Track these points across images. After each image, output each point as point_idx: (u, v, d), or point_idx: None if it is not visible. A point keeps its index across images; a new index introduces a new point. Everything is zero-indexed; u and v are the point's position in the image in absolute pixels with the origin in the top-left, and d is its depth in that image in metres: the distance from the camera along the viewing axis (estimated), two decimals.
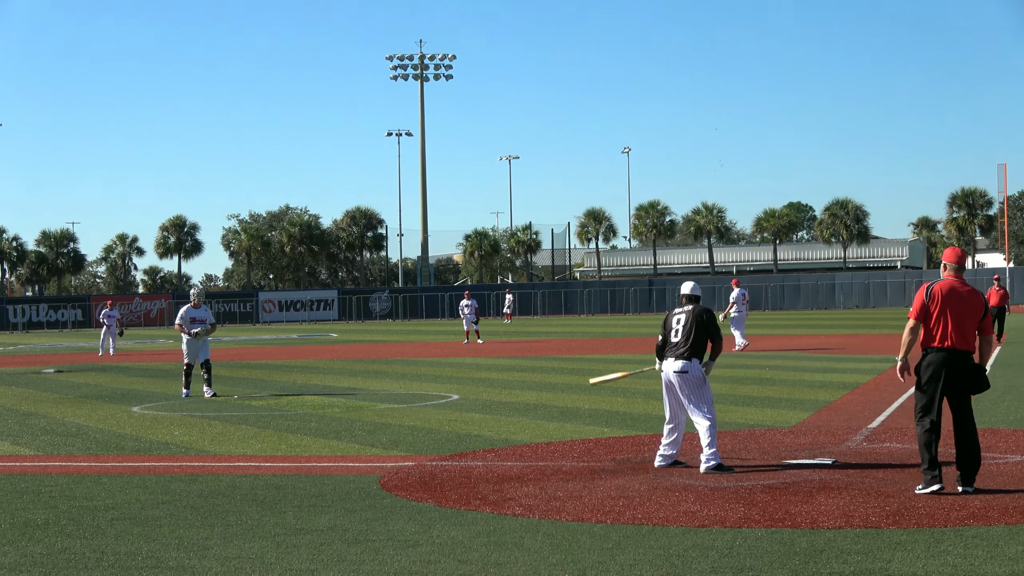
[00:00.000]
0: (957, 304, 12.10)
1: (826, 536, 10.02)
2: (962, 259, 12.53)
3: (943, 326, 12.07)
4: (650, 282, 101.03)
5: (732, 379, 25.88)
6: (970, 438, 12.04)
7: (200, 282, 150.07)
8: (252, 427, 19.35)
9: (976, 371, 12.18)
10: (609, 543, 9.95)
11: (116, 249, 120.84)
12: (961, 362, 12.07)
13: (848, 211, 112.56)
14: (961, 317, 12.09)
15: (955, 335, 12.05)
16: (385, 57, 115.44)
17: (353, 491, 12.90)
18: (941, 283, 12.29)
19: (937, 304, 12.11)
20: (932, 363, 12.09)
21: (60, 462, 15.95)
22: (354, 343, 53.46)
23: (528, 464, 14.59)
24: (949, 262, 12.48)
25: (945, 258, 12.56)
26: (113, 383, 30.07)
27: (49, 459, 16.30)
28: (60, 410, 22.89)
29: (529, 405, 21.97)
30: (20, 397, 26.23)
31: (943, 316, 12.08)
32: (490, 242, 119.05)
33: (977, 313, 12.19)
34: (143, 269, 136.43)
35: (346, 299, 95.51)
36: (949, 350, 12.04)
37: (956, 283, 12.27)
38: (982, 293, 12.56)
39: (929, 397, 12.09)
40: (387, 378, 29.89)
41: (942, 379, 12.04)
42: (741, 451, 15.23)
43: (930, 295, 12.19)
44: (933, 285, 12.29)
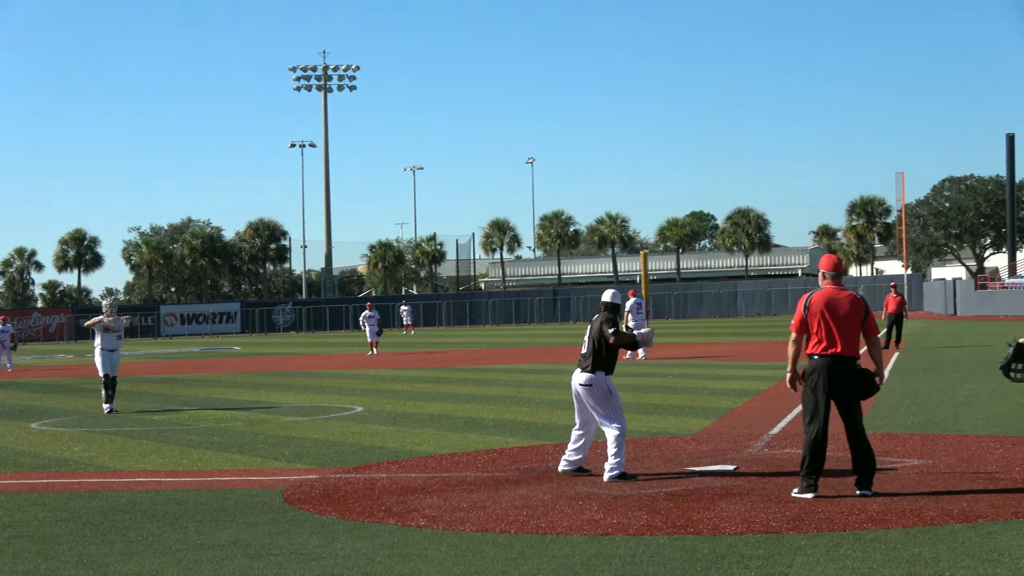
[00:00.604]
0: (836, 311, 12.29)
1: (728, 542, 10.10)
2: (839, 266, 12.75)
3: (825, 334, 12.26)
4: (555, 292, 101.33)
5: (635, 387, 26.02)
6: (862, 442, 12.22)
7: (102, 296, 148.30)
8: (153, 442, 19.15)
9: (862, 375, 12.38)
10: (513, 552, 9.96)
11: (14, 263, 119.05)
12: (846, 368, 12.25)
13: (750, 220, 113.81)
14: (842, 323, 12.27)
15: (838, 341, 12.24)
16: (288, 68, 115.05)
17: (256, 505, 12.81)
18: (818, 292, 12.48)
19: (815, 314, 12.30)
20: (817, 370, 12.28)
21: None
22: (257, 356, 53.09)
23: (432, 475, 14.58)
24: (827, 270, 12.68)
25: (822, 266, 12.75)
26: (11, 399, 29.60)
27: None
28: None
29: (433, 416, 21.95)
30: None
31: (824, 324, 12.26)
32: (394, 253, 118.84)
33: (858, 317, 12.37)
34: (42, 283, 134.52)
35: (249, 312, 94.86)
36: (833, 356, 12.22)
37: (833, 290, 12.45)
38: (864, 298, 12.76)
39: (815, 404, 12.28)
40: (290, 391, 29.71)
41: (827, 386, 12.22)
42: (644, 459, 15.31)
43: (808, 306, 12.40)
44: (811, 295, 12.48)
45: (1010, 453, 14.89)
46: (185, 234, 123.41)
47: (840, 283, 12.60)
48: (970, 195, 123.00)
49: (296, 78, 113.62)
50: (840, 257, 12.94)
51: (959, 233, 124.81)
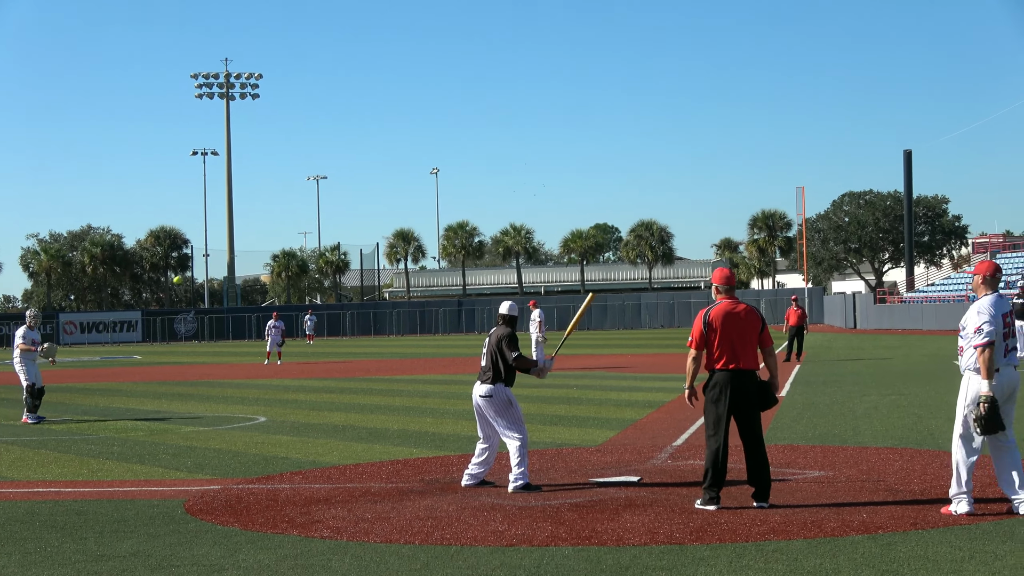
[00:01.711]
0: (734, 325, 12.39)
1: (632, 553, 10.15)
2: (731, 279, 12.85)
3: (724, 348, 12.34)
4: (459, 303, 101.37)
5: (539, 399, 26.08)
6: (759, 455, 12.32)
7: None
8: (52, 451, 18.87)
9: (762, 388, 12.50)
10: (418, 564, 9.94)
11: None
12: (746, 381, 12.36)
13: (653, 232, 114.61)
14: (741, 337, 12.38)
15: (737, 355, 12.34)
16: (190, 75, 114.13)
17: (157, 516, 12.66)
18: (716, 307, 12.53)
19: (716, 329, 12.37)
20: (717, 384, 12.36)
21: None
22: (159, 365, 52.56)
23: (336, 486, 14.50)
24: (719, 284, 12.77)
25: (715, 280, 12.83)
26: None
27: None
28: None
29: (337, 426, 21.85)
30: None
31: (723, 339, 12.34)
32: (298, 262, 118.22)
33: (755, 330, 12.49)
34: None
35: (150, 320, 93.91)
36: (733, 371, 12.32)
37: (729, 305, 12.53)
38: (757, 309, 12.85)
39: (716, 417, 12.35)
40: (193, 400, 29.43)
41: (727, 399, 12.31)
42: (549, 470, 15.34)
43: (707, 322, 12.44)
44: (709, 311, 12.53)
45: (908, 465, 15.09)
46: (85, 241, 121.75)
47: (734, 296, 12.70)
48: (869, 210, 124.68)
49: (198, 85, 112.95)
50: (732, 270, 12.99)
51: (858, 247, 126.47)
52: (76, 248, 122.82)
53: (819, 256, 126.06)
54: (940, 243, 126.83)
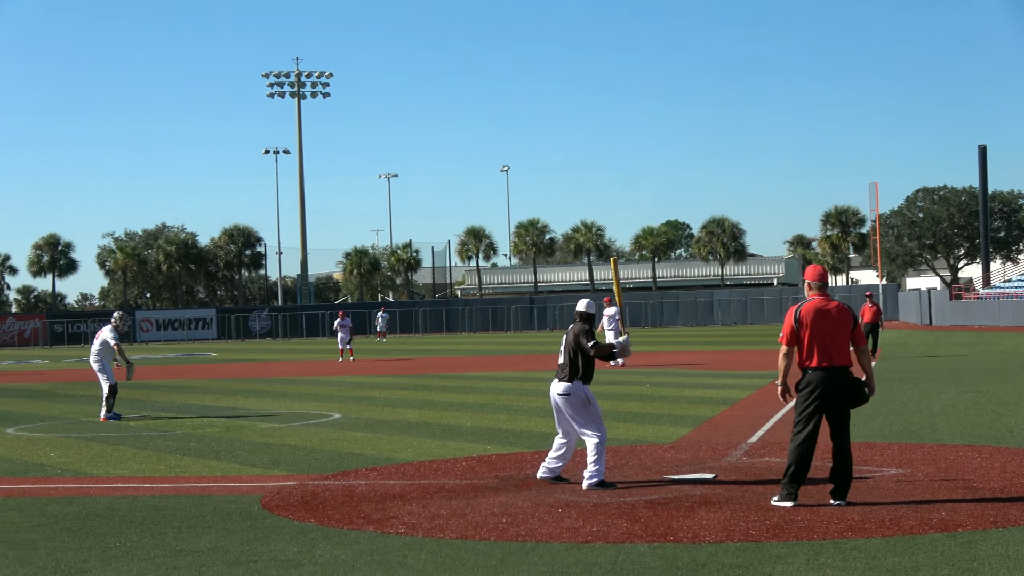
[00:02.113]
0: (825, 322, 12.27)
1: (707, 550, 10.10)
2: (824, 276, 12.72)
3: (817, 346, 12.22)
4: (531, 299, 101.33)
5: (613, 395, 26.02)
6: (845, 453, 12.22)
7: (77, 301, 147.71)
8: (130, 448, 19.07)
9: (855, 385, 12.36)
10: (493, 560, 9.95)
11: None
12: (839, 379, 12.23)
13: (725, 229, 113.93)
14: (832, 334, 12.25)
15: (830, 353, 12.22)
16: (262, 74, 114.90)
17: (234, 512, 12.76)
18: (807, 304, 12.42)
19: (806, 326, 12.26)
20: (810, 383, 12.23)
21: None
22: (234, 362, 52.94)
23: (411, 482, 14.54)
24: (812, 280, 12.64)
25: (807, 276, 12.71)
26: None
27: None
28: None
29: (411, 423, 21.92)
30: None
31: (815, 336, 12.22)
32: (370, 260, 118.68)
33: (847, 327, 12.36)
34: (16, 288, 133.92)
35: (225, 318, 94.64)
36: (827, 369, 12.19)
37: (821, 301, 12.41)
38: (849, 306, 12.72)
39: (807, 416, 12.24)
40: (268, 397, 29.63)
41: (820, 398, 12.19)
42: (623, 467, 15.31)
43: (798, 318, 12.33)
44: (800, 308, 12.42)
45: (987, 462, 14.93)
46: (160, 240, 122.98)
47: (826, 293, 12.58)
48: (943, 206, 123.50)
49: (269, 84, 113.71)
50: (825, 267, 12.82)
51: (933, 243, 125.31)
52: (151, 246, 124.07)
53: (893, 252, 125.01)
54: (1016, 239, 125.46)
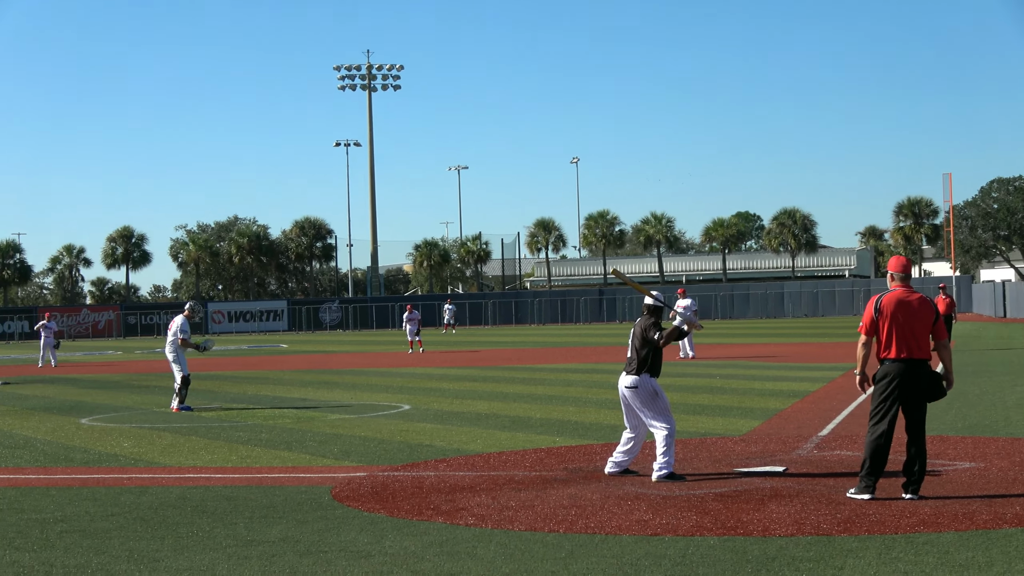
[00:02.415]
0: (906, 314, 12.14)
1: (778, 544, 10.05)
2: (907, 267, 12.57)
3: (896, 337, 12.10)
4: (600, 291, 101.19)
5: (683, 388, 25.94)
6: (920, 447, 12.11)
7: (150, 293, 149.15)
8: (202, 438, 19.23)
9: (933, 378, 12.23)
10: (562, 552, 9.94)
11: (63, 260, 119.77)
12: (917, 371, 12.10)
13: (796, 220, 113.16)
14: (913, 326, 12.12)
15: (909, 345, 12.09)
16: (333, 67, 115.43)
17: (305, 502, 12.84)
18: (889, 295, 12.30)
19: (887, 316, 12.14)
20: (888, 374, 12.11)
21: (8, 475, 15.80)
22: (304, 353, 53.26)
23: (480, 474, 14.57)
24: (895, 271, 12.50)
25: (891, 267, 12.58)
26: (61, 395, 29.82)
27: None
28: (8, 422, 22.68)
29: (480, 415, 21.95)
30: None
31: (894, 327, 12.10)
32: (440, 252, 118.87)
33: (928, 320, 12.22)
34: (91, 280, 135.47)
35: (296, 309, 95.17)
36: (905, 361, 12.07)
37: (903, 293, 12.28)
38: (931, 300, 12.58)
39: (884, 408, 12.12)
40: (338, 388, 29.79)
41: (898, 390, 12.08)
42: (693, 460, 15.25)
43: (879, 308, 12.21)
44: (882, 298, 12.30)
45: None
46: (232, 232, 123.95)
47: (909, 285, 12.44)
48: (1019, 196, 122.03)
49: (340, 77, 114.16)
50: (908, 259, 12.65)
51: (1008, 235, 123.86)
52: (223, 239, 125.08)
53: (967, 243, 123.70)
54: None
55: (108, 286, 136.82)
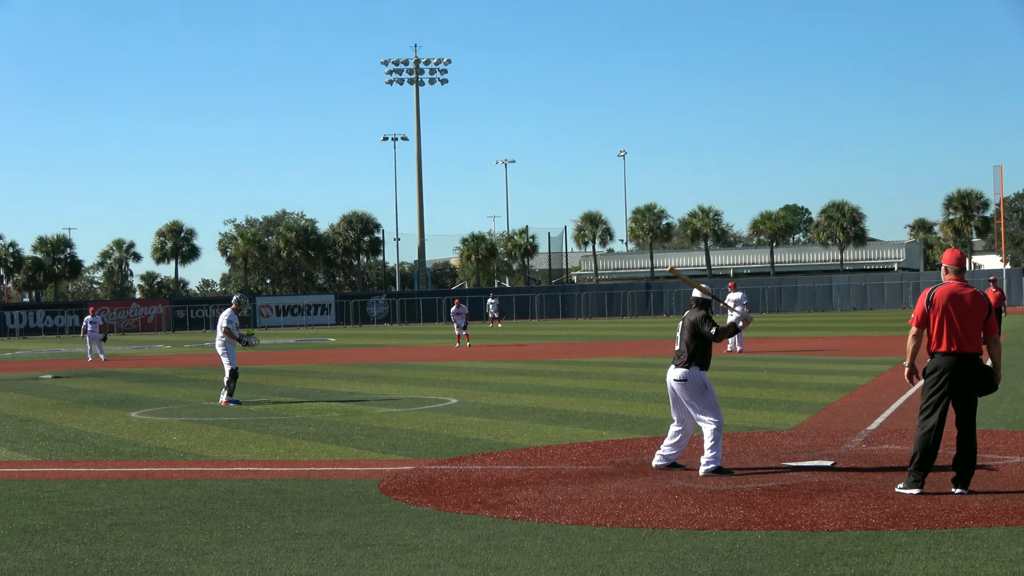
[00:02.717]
0: (959, 307, 12.04)
1: (826, 538, 10.00)
2: (962, 261, 12.45)
3: (947, 330, 12.00)
4: (647, 285, 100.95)
5: (731, 381, 25.86)
6: (971, 441, 12.02)
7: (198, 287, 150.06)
8: (250, 431, 19.34)
9: (984, 373, 12.13)
10: (609, 546, 9.94)
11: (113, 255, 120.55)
12: (968, 365, 12.01)
13: (844, 213, 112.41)
14: (964, 320, 12.02)
15: (960, 338, 11.99)
16: (380, 61, 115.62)
17: (352, 495, 12.89)
18: (942, 288, 12.21)
19: (938, 309, 12.05)
20: (939, 367, 12.02)
21: (58, 467, 15.94)
22: (352, 347, 53.42)
23: (527, 467, 14.57)
24: (949, 264, 12.39)
25: (945, 260, 12.48)
26: (111, 388, 30.05)
27: (47, 464, 16.29)
28: (58, 415, 22.88)
29: (527, 408, 21.96)
30: (18, 403, 26.20)
31: (946, 320, 12.01)
32: (487, 246, 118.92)
33: (980, 314, 12.12)
34: (140, 274, 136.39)
35: (343, 303, 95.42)
36: (956, 354, 11.97)
37: (957, 286, 12.19)
38: (983, 294, 12.47)
39: (935, 401, 12.03)
40: (385, 382, 29.87)
41: (948, 384, 11.99)
42: (740, 454, 15.21)
43: (931, 301, 12.12)
44: (934, 290, 12.20)
45: None
46: (280, 226, 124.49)
47: (963, 279, 12.34)
48: None
49: (388, 71, 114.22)
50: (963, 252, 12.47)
51: None
52: (271, 233, 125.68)
53: (1018, 236, 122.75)
54: None
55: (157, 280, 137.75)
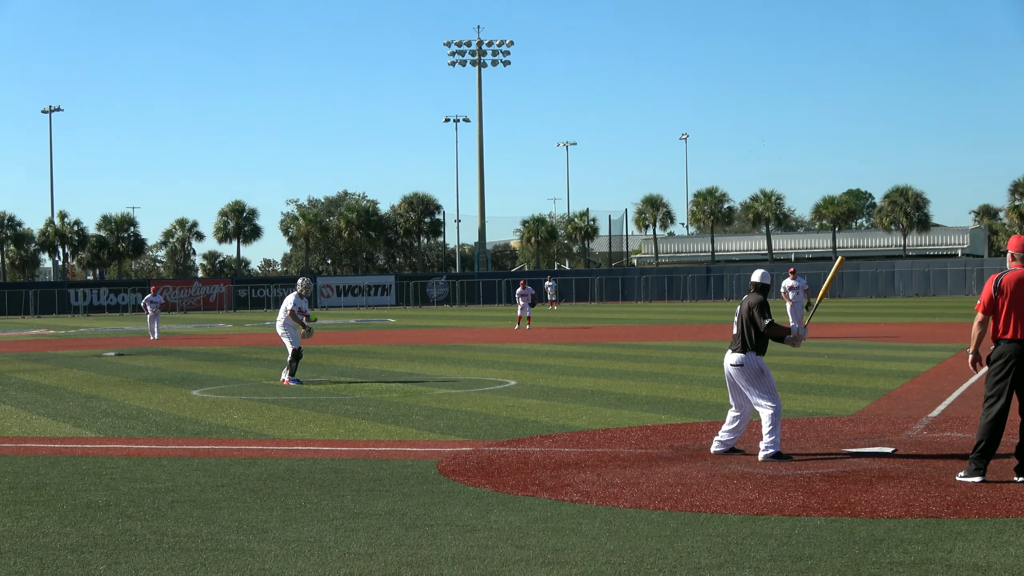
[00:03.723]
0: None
1: (886, 526, 9.94)
2: None
3: (1013, 317, 11.87)
4: (708, 269, 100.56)
5: (790, 367, 25.74)
6: None
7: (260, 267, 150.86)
8: (311, 411, 19.44)
9: None
10: (667, 530, 9.93)
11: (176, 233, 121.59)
12: None
13: (908, 198, 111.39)
14: None
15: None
16: (443, 43, 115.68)
17: (411, 476, 12.94)
18: (1009, 274, 12.07)
19: (1006, 296, 11.92)
20: (1003, 355, 11.90)
21: (121, 444, 16.10)
22: (412, 328, 53.60)
23: (585, 450, 14.58)
24: (1015, 251, 12.24)
25: (1011, 247, 12.33)
26: (173, 366, 30.30)
27: (110, 441, 16.45)
28: (121, 393, 23.10)
29: (586, 391, 21.95)
30: (82, 380, 26.48)
31: (1013, 307, 11.87)
32: (547, 228, 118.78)
33: None
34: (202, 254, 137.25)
35: (403, 284, 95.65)
36: (1021, 341, 11.85)
37: (1023, 272, 12.06)
38: None
39: (999, 389, 11.92)
40: (444, 363, 29.94)
41: (1014, 371, 11.86)
42: (800, 439, 15.14)
43: (998, 287, 11.98)
44: (1001, 277, 12.07)
45: None
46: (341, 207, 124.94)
47: None
48: None
49: (451, 53, 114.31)
50: None
51: None
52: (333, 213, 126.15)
53: None
54: None
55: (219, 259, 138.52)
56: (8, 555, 9.43)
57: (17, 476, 13.37)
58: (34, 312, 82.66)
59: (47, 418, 19.29)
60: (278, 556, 9.25)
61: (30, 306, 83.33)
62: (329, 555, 9.25)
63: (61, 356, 35.79)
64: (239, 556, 9.27)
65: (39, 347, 41.91)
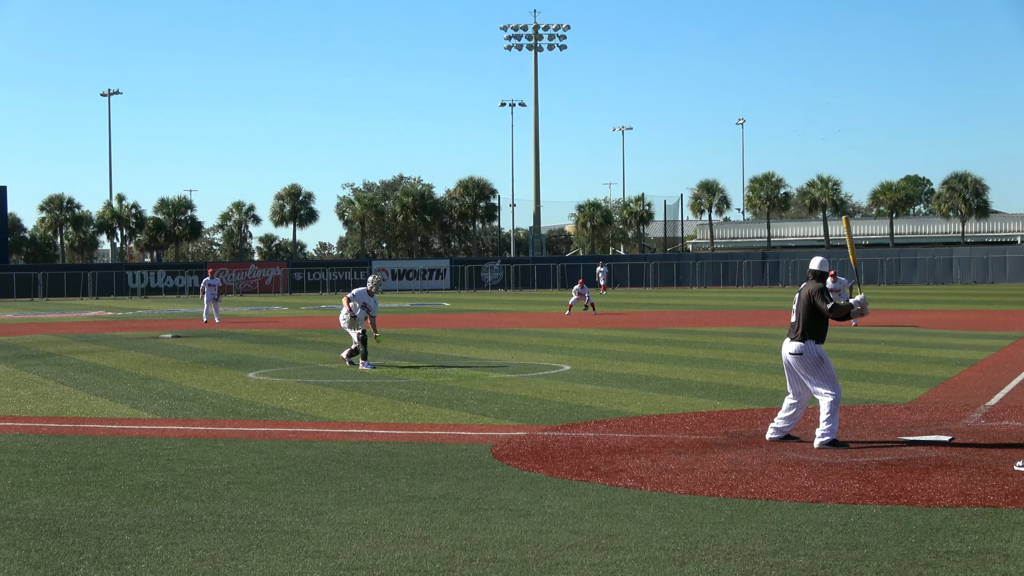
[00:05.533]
0: None
1: (943, 514, 9.88)
2: None
3: None
4: (763, 255, 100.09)
5: (847, 354, 25.59)
6: None
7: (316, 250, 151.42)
8: (365, 394, 19.52)
9: None
10: (721, 517, 9.90)
11: (232, 217, 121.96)
12: None
13: (967, 185, 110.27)
14: None
15: None
16: (499, 27, 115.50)
17: (465, 460, 12.96)
18: None
19: None
20: None
21: (178, 426, 16.22)
22: (466, 312, 53.67)
23: (640, 436, 14.56)
24: None
25: None
26: (229, 349, 30.48)
27: (167, 423, 16.58)
28: (178, 375, 23.27)
29: (640, 377, 21.91)
30: (139, 362, 26.69)
31: None
32: (602, 213, 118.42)
33: None
34: (259, 237, 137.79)
35: (458, 268, 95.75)
36: None
37: None
38: None
39: None
40: (499, 348, 29.97)
41: None
42: (856, 427, 15.06)
43: None
44: None
45: None
46: (397, 191, 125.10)
47: None
48: None
49: (507, 37, 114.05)
50: None
51: None
52: (388, 197, 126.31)
53: None
54: None
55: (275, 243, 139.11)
56: (67, 534, 9.53)
57: (75, 457, 13.50)
58: (92, 294, 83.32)
59: (105, 399, 19.47)
60: (333, 538, 9.30)
61: (89, 288, 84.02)
62: (383, 538, 9.29)
63: (119, 338, 36.08)
64: (294, 538, 9.32)
65: (97, 329, 42.25)
